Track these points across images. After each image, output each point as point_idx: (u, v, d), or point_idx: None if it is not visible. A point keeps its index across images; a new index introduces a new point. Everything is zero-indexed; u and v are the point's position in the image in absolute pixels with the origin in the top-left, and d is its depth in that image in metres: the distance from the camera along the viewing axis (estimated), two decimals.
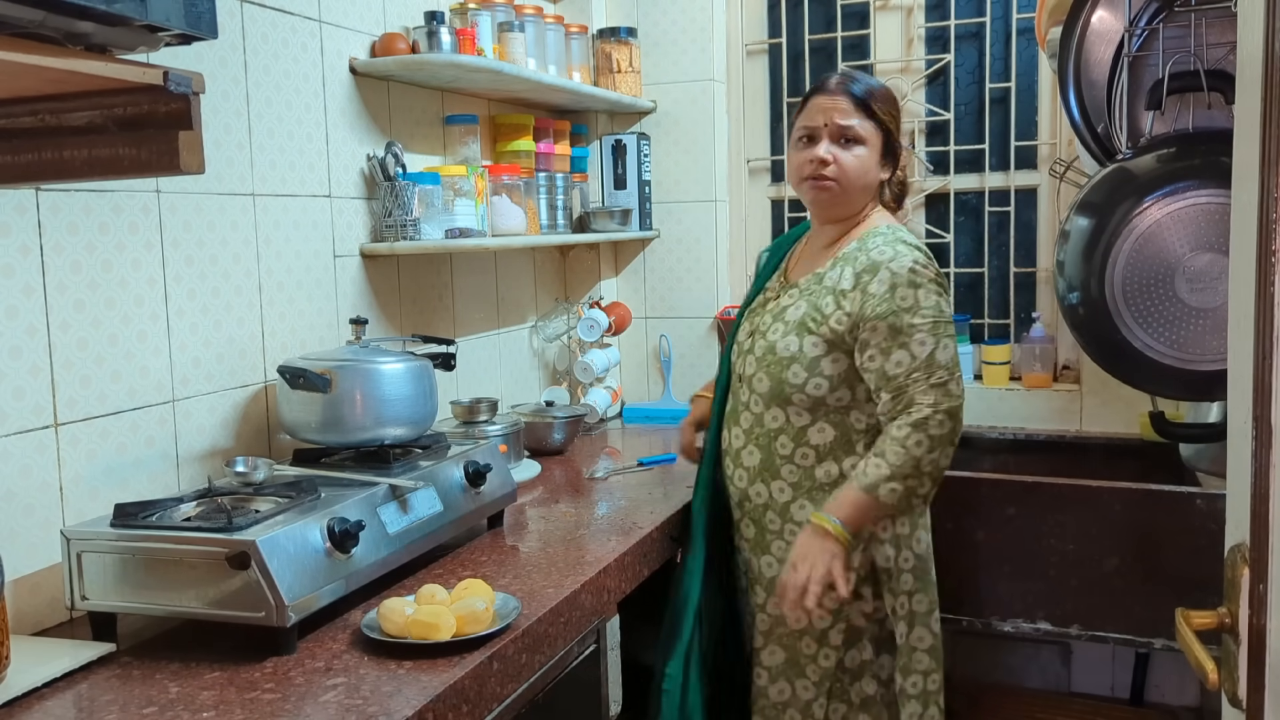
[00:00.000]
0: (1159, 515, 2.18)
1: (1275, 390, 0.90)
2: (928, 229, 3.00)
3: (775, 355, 1.88)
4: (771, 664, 1.95)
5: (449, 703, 1.32)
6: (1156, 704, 2.71)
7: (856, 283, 1.82)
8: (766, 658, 1.95)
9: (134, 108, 1.22)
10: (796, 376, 1.85)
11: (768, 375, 1.88)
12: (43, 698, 1.32)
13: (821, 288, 1.88)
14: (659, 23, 3.05)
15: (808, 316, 1.86)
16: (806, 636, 1.90)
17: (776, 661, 1.94)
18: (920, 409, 1.74)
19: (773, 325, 1.92)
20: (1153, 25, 1.93)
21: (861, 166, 1.88)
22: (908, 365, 1.76)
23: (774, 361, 1.87)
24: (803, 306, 1.89)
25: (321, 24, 2.09)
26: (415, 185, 2.20)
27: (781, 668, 1.94)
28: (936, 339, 1.77)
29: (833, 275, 1.88)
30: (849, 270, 1.85)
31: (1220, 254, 1.78)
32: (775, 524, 1.92)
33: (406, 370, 1.86)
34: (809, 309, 1.87)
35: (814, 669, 1.91)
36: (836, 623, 1.88)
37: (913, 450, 1.73)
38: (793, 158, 1.94)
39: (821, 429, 1.87)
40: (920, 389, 1.75)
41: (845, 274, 1.85)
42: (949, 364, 1.78)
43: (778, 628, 1.92)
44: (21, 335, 1.52)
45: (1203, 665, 0.97)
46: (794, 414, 1.88)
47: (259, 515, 1.48)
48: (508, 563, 1.79)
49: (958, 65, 2.94)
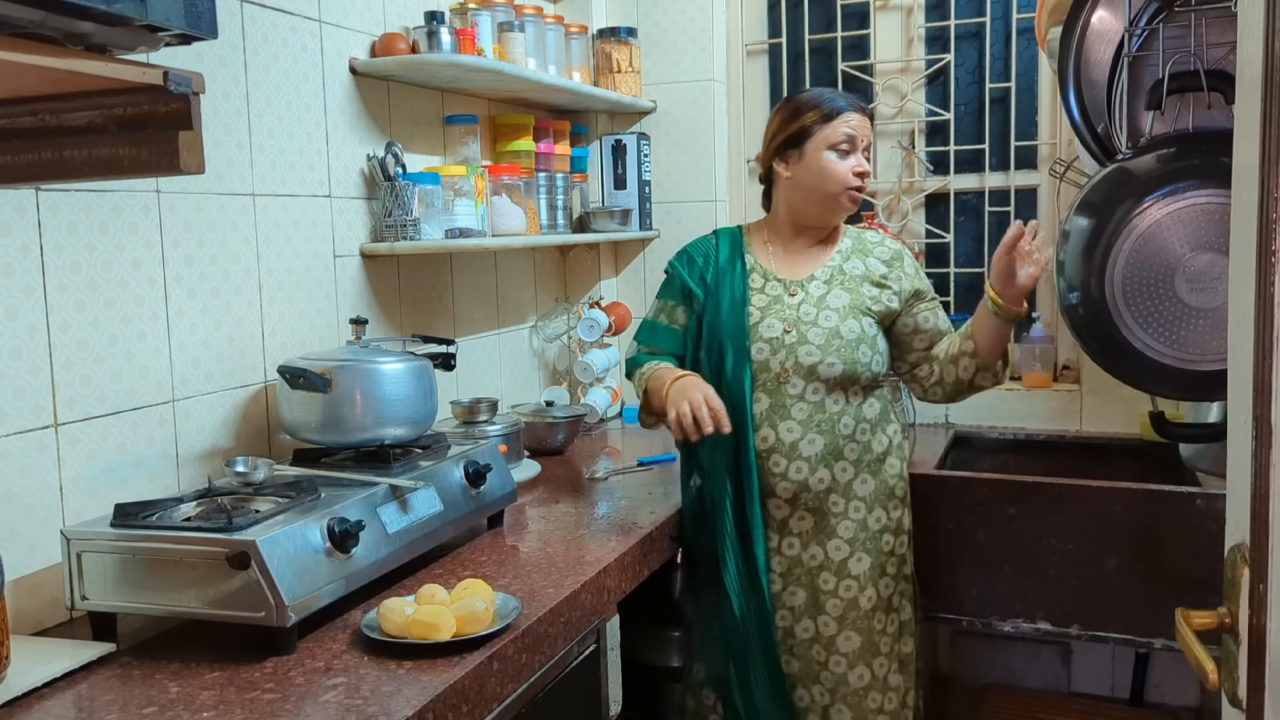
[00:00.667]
0: (1159, 515, 2.18)
1: (1275, 390, 0.90)
2: (928, 229, 3.00)
3: (842, 339, 2.00)
4: (849, 650, 2.02)
5: (449, 703, 1.32)
6: (1156, 704, 2.71)
7: (890, 268, 2.08)
8: (843, 644, 2.02)
9: (134, 108, 1.22)
10: (865, 355, 2.01)
11: (840, 359, 1.99)
12: (43, 698, 1.32)
13: (848, 278, 2.06)
14: (659, 23, 3.05)
15: (855, 301, 2.03)
16: (878, 611, 2.02)
17: (853, 647, 2.02)
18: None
19: (820, 315, 2.01)
20: (1153, 25, 1.93)
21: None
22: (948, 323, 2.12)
23: (842, 345, 1.99)
24: (843, 295, 2.04)
25: (321, 24, 2.09)
26: (415, 185, 2.20)
27: (859, 652, 2.02)
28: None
29: (853, 266, 2.08)
30: (873, 259, 2.09)
31: (1220, 254, 1.78)
32: (839, 505, 2.02)
33: (406, 370, 1.86)
34: (853, 295, 2.04)
35: (885, 641, 2.03)
36: (897, 587, 2.07)
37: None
38: (832, 165, 2.03)
39: (872, 404, 2.06)
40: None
41: (871, 263, 2.09)
42: None
43: (851, 611, 2.01)
44: (21, 335, 1.52)
45: (1203, 665, 0.97)
46: (853, 394, 2.03)
47: (259, 515, 1.48)
48: (508, 563, 1.79)
49: (958, 65, 2.94)
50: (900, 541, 2.08)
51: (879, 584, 2.03)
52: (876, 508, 2.05)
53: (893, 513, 2.07)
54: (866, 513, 2.04)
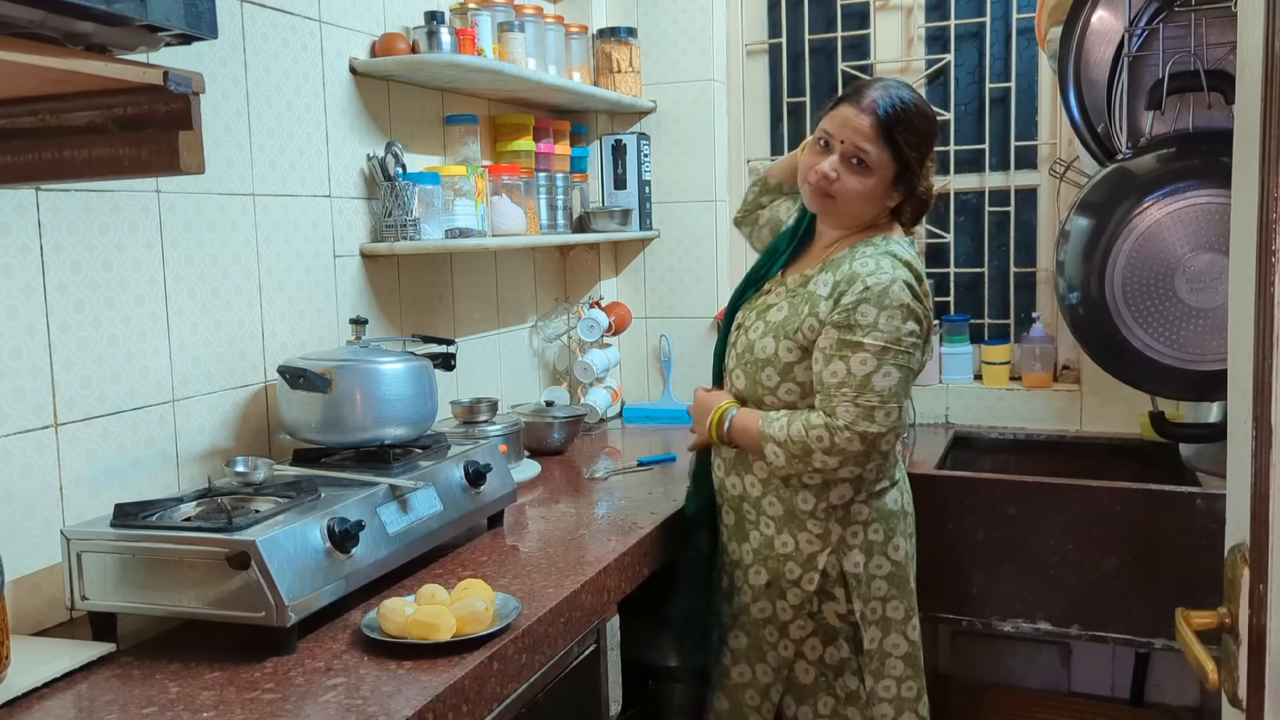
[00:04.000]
0: (1159, 515, 2.18)
1: (1275, 390, 0.90)
2: (928, 229, 3.00)
3: (753, 355, 1.91)
4: (736, 647, 2.00)
5: (449, 703, 1.32)
6: (1156, 704, 2.71)
7: (833, 291, 1.82)
8: (732, 640, 2.01)
9: (134, 108, 1.22)
10: (770, 380, 1.87)
11: (744, 375, 1.92)
12: (43, 698, 1.32)
13: (805, 291, 1.89)
14: (659, 23, 3.05)
15: (787, 321, 1.87)
16: (770, 626, 1.95)
17: (739, 645, 1.99)
18: (836, 418, 1.77)
19: (755, 324, 1.94)
20: (1153, 25, 1.93)
21: (862, 194, 1.83)
22: (841, 378, 1.77)
23: (750, 362, 1.91)
24: (784, 309, 1.90)
25: (321, 24, 2.09)
26: (415, 185, 2.20)
27: (743, 651, 1.99)
28: (879, 363, 1.76)
29: (818, 280, 1.87)
30: (830, 277, 1.84)
31: (1220, 254, 1.78)
32: (751, 514, 1.96)
33: (406, 370, 1.86)
34: (789, 313, 1.88)
35: (774, 656, 1.96)
36: (796, 618, 1.92)
37: (812, 442, 1.78)
38: (806, 156, 1.90)
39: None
40: (844, 405, 1.76)
41: (827, 281, 1.85)
42: (884, 392, 1.76)
43: (743, 615, 1.98)
44: (21, 335, 1.52)
45: (1203, 665, 0.97)
46: (771, 411, 1.89)
47: (259, 515, 1.48)
48: (508, 563, 1.79)
49: (958, 65, 2.94)
50: (809, 578, 1.88)
51: (776, 604, 1.92)
52: (785, 532, 1.90)
53: (804, 545, 1.88)
54: (774, 532, 1.91)
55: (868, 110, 1.80)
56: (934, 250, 3.01)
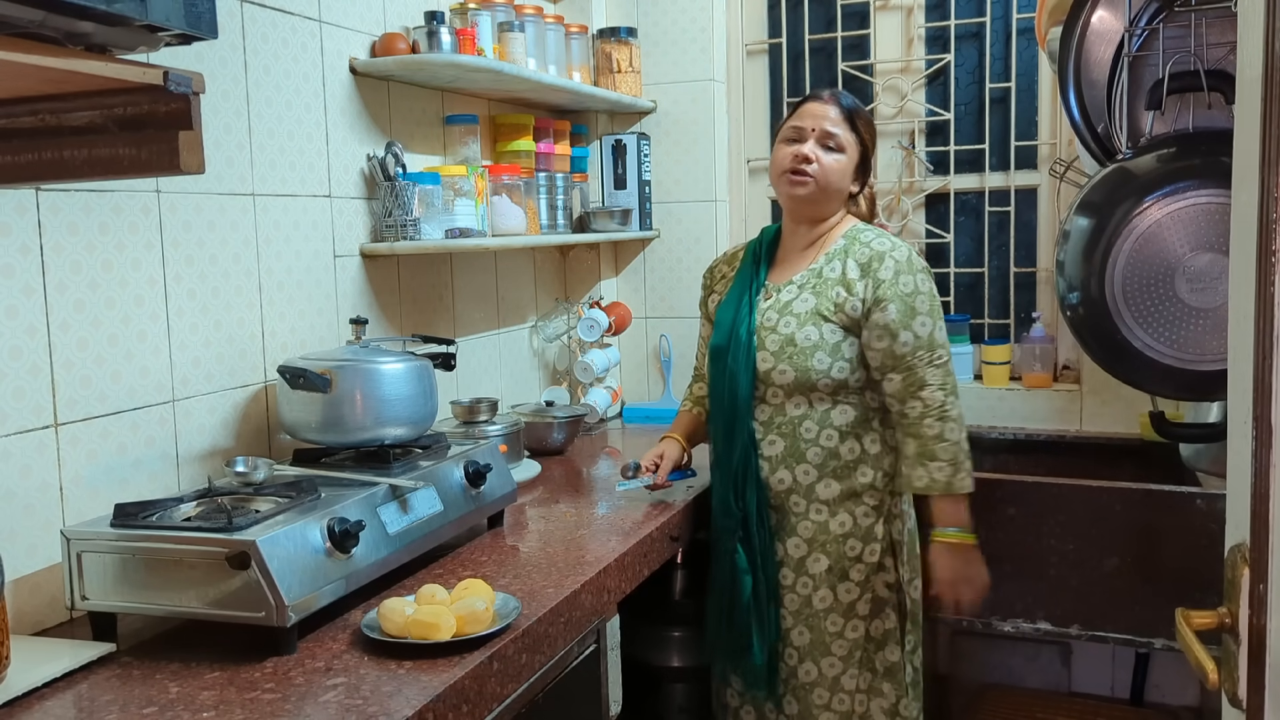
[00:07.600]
0: (1159, 515, 2.18)
1: (1275, 390, 0.90)
2: (928, 229, 3.00)
3: (796, 346, 1.99)
4: (800, 644, 2.04)
5: (449, 703, 1.32)
6: (1156, 704, 2.71)
7: (865, 271, 2.00)
8: (796, 638, 2.04)
9: (134, 108, 1.22)
10: (822, 363, 1.98)
11: (791, 366, 1.99)
12: (43, 698, 1.32)
13: (823, 281, 2.03)
14: (659, 23, 3.05)
15: (820, 307, 2.00)
16: (833, 614, 2.02)
17: (804, 642, 2.04)
18: (932, 392, 1.95)
19: (781, 320, 2.01)
20: (1153, 25, 1.93)
21: (839, 171, 2.04)
22: (913, 344, 1.96)
23: (796, 353, 1.99)
24: (810, 299, 2.02)
25: (321, 24, 2.09)
26: (415, 185, 2.20)
27: (808, 648, 2.03)
28: (934, 321, 1.99)
29: (832, 268, 2.03)
30: (851, 261, 2.02)
31: (1220, 254, 1.78)
32: (800, 506, 2.03)
33: (406, 370, 1.86)
34: (819, 300, 2.01)
35: (840, 644, 2.02)
36: (863, 594, 2.02)
37: (950, 437, 1.96)
38: (777, 153, 2.08)
39: (844, 410, 2.02)
40: (927, 369, 1.96)
41: (849, 265, 2.02)
42: (945, 345, 2.00)
43: (805, 609, 2.03)
44: (21, 335, 1.52)
45: (1203, 665, 0.97)
46: (817, 399, 2.01)
47: (259, 515, 1.48)
48: (508, 563, 1.79)
49: (958, 65, 2.94)
50: (871, 550, 2.02)
51: (838, 588, 2.02)
52: (841, 511, 2.02)
53: (861, 519, 2.02)
54: (829, 516, 2.02)
55: (831, 101, 2.06)
56: (934, 250, 3.01)
